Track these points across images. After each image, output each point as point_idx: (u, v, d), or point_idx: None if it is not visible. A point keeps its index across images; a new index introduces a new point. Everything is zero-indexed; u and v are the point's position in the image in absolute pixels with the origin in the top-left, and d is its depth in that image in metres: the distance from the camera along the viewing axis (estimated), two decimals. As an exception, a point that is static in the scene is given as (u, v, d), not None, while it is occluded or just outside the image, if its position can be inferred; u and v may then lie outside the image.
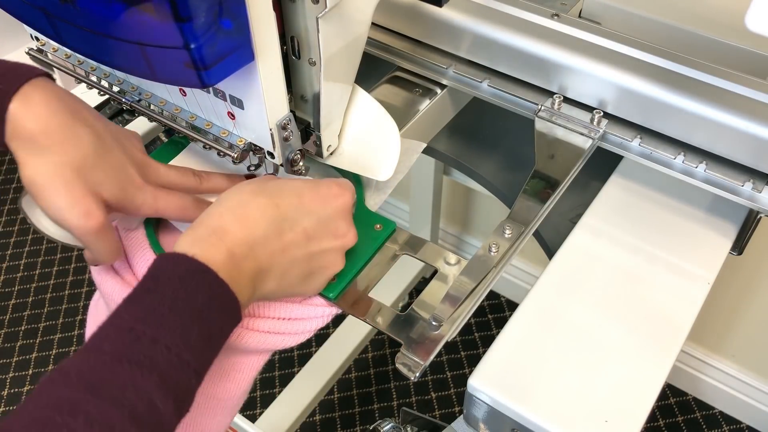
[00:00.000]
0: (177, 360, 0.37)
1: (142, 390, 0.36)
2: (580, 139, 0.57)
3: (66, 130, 0.44)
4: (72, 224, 0.44)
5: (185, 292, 0.39)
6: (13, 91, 0.43)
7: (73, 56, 0.58)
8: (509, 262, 0.51)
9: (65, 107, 0.45)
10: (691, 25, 0.59)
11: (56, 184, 0.43)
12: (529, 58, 0.58)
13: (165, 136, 0.62)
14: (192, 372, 0.38)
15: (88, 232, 0.44)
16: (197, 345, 0.39)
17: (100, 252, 0.46)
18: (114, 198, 0.46)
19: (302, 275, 0.47)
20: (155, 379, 0.36)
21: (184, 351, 0.38)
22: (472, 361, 1.47)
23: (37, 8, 0.46)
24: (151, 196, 0.49)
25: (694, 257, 0.56)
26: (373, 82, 0.65)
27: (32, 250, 1.71)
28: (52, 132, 0.44)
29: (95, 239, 0.45)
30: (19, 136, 0.43)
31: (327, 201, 0.48)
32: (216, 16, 0.40)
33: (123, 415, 0.34)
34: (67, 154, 0.44)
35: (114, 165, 0.46)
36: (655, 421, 1.37)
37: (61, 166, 0.43)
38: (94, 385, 0.35)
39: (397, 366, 0.46)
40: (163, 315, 0.38)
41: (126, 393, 0.35)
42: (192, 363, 0.38)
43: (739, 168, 0.53)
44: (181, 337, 0.38)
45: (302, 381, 1.29)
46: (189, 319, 0.38)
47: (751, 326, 1.23)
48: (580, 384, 0.48)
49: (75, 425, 0.33)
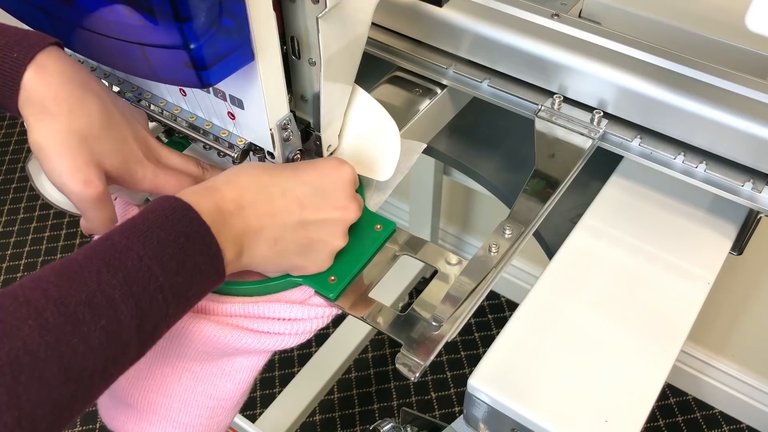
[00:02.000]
0: (146, 270, 0.38)
1: (104, 282, 0.36)
2: (580, 139, 0.57)
3: (76, 99, 0.45)
4: (71, 190, 0.45)
5: (166, 221, 0.40)
6: (28, 60, 0.44)
7: (73, 56, 0.58)
8: (509, 262, 0.51)
9: (77, 77, 0.46)
10: (691, 25, 0.59)
11: (61, 150, 0.44)
12: (529, 58, 0.58)
13: (165, 136, 0.62)
14: (159, 288, 0.38)
15: (86, 199, 0.45)
16: (169, 266, 0.39)
17: (95, 221, 0.47)
18: (115, 169, 0.47)
19: (299, 246, 0.47)
20: (119, 277, 0.37)
21: (155, 264, 0.38)
22: (472, 361, 1.47)
23: (37, 8, 0.46)
24: (151, 172, 0.50)
25: (694, 257, 0.56)
26: (373, 82, 0.65)
27: (32, 250, 1.71)
28: (62, 100, 0.45)
29: (92, 207, 0.46)
30: (32, 102, 0.44)
31: (324, 173, 0.49)
32: (216, 16, 0.40)
33: (80, 297, 0.35)
34: (74, 122, 0.45)
35: (118, 137, 0.48)
36: (655, 421, 1.37)
37: (68, 133, 0.44)
38: (59, 271, 0.36)
39: (397, 366, 0.46)
40: (142, 232, 0.39)
41: (88, 281, 0.36)
42: (160, 278, 0.38)
43: (739, 168, 0.53)
44: (153, 252, 0.39)
45: (302, 381, 1.29)
46: (165, 242, 0.39)
47: (751, 326, 1.23)
48: (580, 384, 0.48)
49: (32, 296, 0.34)
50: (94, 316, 0.35)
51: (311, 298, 0.50)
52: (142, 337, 0.38)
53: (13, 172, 1.91)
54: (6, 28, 0.45)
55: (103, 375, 0.36)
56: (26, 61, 0.44)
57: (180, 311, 0.41)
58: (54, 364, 0.33)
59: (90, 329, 0.35)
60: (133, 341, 0.37)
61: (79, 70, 0.47)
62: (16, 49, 0.44)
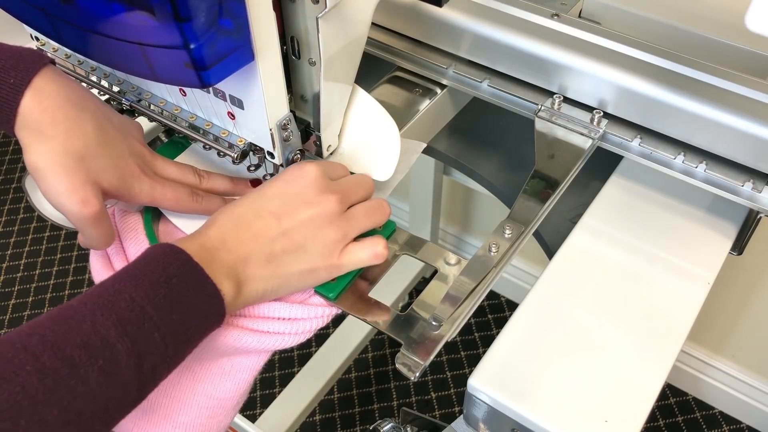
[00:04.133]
0: (139, 310, 0.38)
1: (98, 324, 0.37)
2: (580, 139, 0.57)
3: (71, 120, 0.46)
4: (69, 210, 0.45)
5: (157, 265, 0.41)
6: (25, 85, 0.45)
7: (73, 56, 0.58)
8: (509, 262, 0.51)
9: (72, 96, 0.47)
10: (691, 25, 0.59)
11: (58, 171, 0.45)
12: (529, 58, 0.58)
13: (165, 136, 0.62)
14: (154, 326, 0.38)
15: (83, 218, 0.46)
16: (162, 305, 0.39)
17: (92, 238, 0.48)
18: (112, 187, 0.48)
19: (292, 254, 0.47)
20: (113, 318, 0.37)
21: (147, 304, 0.39)
22: (472, 361, 1.47)
23: (37, 8, 0.46)
24: (147, 186, 0.50)
25: (694, 257, 0.56)
26: (373, 82, 0.65)
27: (32, 250, 1.71)
28: (58, 122, 0.45)
29: (90, 226, 0.47)
30: (29, 126, 0.45)
31: (288, 180, 0.49)
32: (216, 16, 0.40)
33: (75, 340, 0.36)
34: (70, 143, 0.45)
35: (114, 154, 0.48)
36: (655, 421, 1.37)
37: (64, 154, 0.45)
38: (55, 317, 0.37)
39: (397, 366, 0.46)
40: (134, 276, 0.40)
41: (82, 325, 0.37)
42: (154, 317, 0.39)
43: (739, 168, 0.53)
44: (145, 292, 0.39)
45: (302, 381, 1.29)
46: (157, 283, 0.40)
47: (751, 326, 1.23)
48: (580, 384, 0.48)
49: (29, 342, 0.35)
50: (91, 357, 0.36)
51: (311, 298, 0.50)
52: (141, 378, 0.38)
53: (12, 172, 1.91)
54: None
55: (103, 417, 0.36)
56: (23, 87, 0.45)
57: (181, 350, 0.41)
58: (53, 407, 0.34)
59: (87, 371, 0.35)
60: (133, 381, 0.37)
61: (74, 88, 0.47)
62: (12, 74, 0.45)
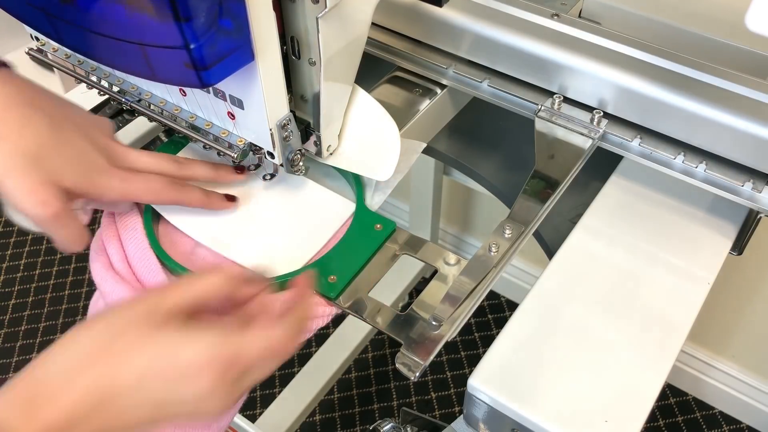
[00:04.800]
0: None
1: None
2: (580, 139, 0.57)
3: (22, 119, 0.45)
4: (29, 212, 0.44)
5: None
6: None
7: (73, 56, 0.58)
8: (509, 262, 0.51)
9: (23, 97, 0.46)
10: (691, 25, 0.59)
11: (13, 173, 0.44)
12: (529, 58, 0.58)
13: (165, 136, 0.62)
14: None
15: (45, 220, 0.45)
16: None
17: (60, 239, 0.47)
18: (76, 185, 0.46)
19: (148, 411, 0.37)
20: None
21: None
22: (472, 361, 1.46)
23: (37, 8, 0.46)
24: (118, 180, 0.49)
25: (694, 257, 0.56)
26: (373, 82, 0.65)
27: (32, 250, 1.71)
28: (9, 122, 0.44)
29: (54, 227, 0.45)
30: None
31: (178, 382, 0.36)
32: (216, 16, 0.40)
33: None
34: (23, 143, 0.44)
35: (74, 152, 0.47)
36: (655, 421, 1.37)
37: (17, 155, 0.44)
38: None
39: (397, 366, 0.46)
40: None
41: None
42: None
43: (739, 168, 0.53)
44: None
45: (302, 381, 1.29)
46: None
47: (751, 326, 1.23)
48: (580, 384, 0.48)
49: None
50: None
51: (311, 298, 0.50)
52: None
53: (13, 172, 1.91)
54: None
55: None
56: None
57: None
58: None
59: None
60: None
61: (24, 89, 0.46)
62: None
